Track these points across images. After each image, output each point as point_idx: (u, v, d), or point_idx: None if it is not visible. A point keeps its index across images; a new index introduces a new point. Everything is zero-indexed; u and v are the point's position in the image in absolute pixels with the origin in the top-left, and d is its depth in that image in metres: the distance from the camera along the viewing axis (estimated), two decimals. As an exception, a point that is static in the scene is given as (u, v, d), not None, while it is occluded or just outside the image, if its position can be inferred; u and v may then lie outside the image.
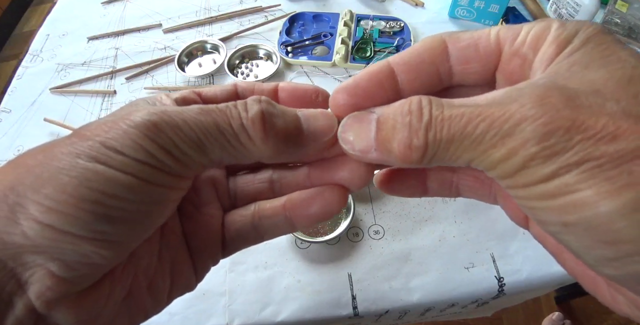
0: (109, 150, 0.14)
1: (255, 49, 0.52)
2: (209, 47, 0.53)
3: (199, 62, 0.52)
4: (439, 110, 0.14)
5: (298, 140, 0.16)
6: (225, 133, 0.15)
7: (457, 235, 0.36)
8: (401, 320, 0.38)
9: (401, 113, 0.14)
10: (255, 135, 0.15)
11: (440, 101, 0.14)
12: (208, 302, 0.34)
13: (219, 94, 0.19)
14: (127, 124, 0.14)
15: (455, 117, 0.13)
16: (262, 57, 0.52)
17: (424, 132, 0.14)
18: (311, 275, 0.35)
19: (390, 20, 0.54)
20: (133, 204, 0.14)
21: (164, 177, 0.15)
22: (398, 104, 0.15)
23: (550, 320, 0.89)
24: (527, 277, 0.34)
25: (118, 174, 0.14)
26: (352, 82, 0.17)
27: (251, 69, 0.50)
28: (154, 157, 0.14)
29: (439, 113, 0.14)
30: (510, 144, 0.12)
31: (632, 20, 0.52)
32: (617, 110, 0.12)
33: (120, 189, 0.14)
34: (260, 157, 0.16)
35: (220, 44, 0.52)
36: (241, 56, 0.52)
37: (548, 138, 0.12)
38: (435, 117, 0.14)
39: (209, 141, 0.15)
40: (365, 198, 0.39)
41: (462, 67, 0.16)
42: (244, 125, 0.15)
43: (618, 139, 0.11)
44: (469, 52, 0.16)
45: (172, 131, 0.14)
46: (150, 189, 0.14)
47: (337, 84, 0.48)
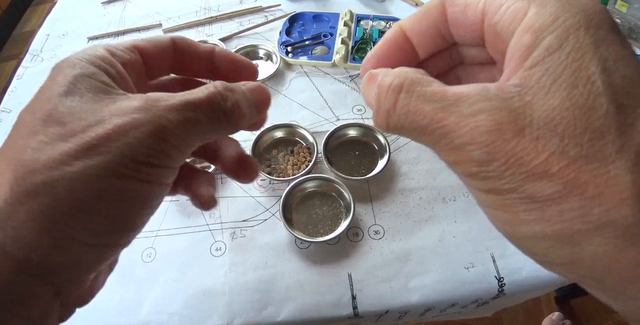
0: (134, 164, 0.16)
1: (255, 49, 0.52)
2: None
3: None
4: (404, 100, 0.15)
5: (261, 110, 0.21)
6: (217, 123, 0.19)
7: (457, 235, 0.36)
8: (401, 321, 0.38)
9: (381, 86, 0.16)
10: (239, 117, 0.20)
11: (411, 86, 0.15)
12: (208, 302, 0.34)
13: (157, 49, 0.21)
14: (138, 134, 0.16)
15: (419, 113, 0.15)
16: (262, 57, 0.52)
17: (385, 116, 0.16)
18: (311, 275, 0.35)
19: (390, 20, 0.54)
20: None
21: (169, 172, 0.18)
22: (386, 74, 0.16)
23: (550, 320, 0.89)
24: (527, 277, 0.34)
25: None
26: (375, 52, 0.19)
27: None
28: (163, 160, 0.17)
29: (403, 102, 0.15)
30: (457, 157, 0.15)
31: (632, 20, 0.52)
32: (558, 149, 0.13)
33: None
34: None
35: (220, 44, 0.52)
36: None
37: (488, 165, 0.14)
38: (400, 103, 0.15)
39: (205, 136, 0.19)
40: (365, 198, 0.39)
41: (456, 31, 0.17)
42: (226, 113, 0.19)
43: (543, 179, 0.13)
44: (459, 18, 0.17)
45: (177, 138, 0.17)
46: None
47: (337, 83, 0.48)
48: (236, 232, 0.38)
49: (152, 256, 0.37)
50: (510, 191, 0.14)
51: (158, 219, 0.39)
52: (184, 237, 0.38)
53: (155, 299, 0.34)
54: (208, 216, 0.39)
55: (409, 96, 0.15)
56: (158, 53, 0.22)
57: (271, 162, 0.41)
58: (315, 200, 0.38)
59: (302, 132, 0.42)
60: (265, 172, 0.39)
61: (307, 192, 0.39)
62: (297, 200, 0.38)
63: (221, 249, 0.37)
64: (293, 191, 0.38)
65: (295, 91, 0.48)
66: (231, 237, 0.37)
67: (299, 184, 0.38)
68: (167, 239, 0.38)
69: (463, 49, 0.20)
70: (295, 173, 0.39)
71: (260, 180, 0.41)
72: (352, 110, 0.46)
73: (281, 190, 0.39)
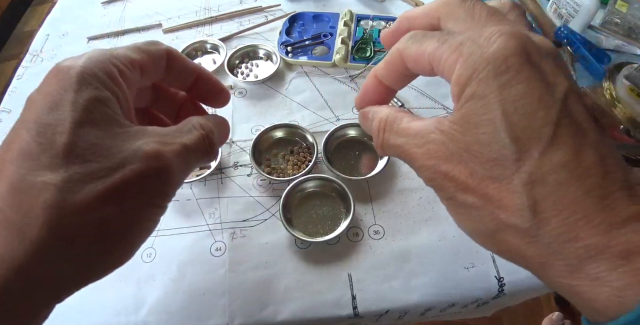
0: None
1: (255, 49, 0.52)
2: (208, 47, 0.53)
3: (198, 62, 0.52)
4: (387, 137, 0.22)
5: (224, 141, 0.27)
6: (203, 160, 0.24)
7: (457, 235, 0.36)
8: (401, 321, 0.38)
9: (373, 127, 0.23)
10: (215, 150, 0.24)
11: (389, 127, 0.22)
12: (208, 302, 0.34)
13: (154, 62, 0.24)
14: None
15: (395, 148, 0.21)
16: (262, 57, 0.52)
17: (380, 149, 0.23)
18: (311, 275, 0.35)
19: (390, 20, 0.54)
20: None
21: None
22: (375, 119, 0.23)
23: (550, 320, 0.89)
24: (527, 277, 0.34)
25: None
26: (361, 95, 0.25)
27: (251, 69, 0.50)
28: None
29: (386, 139, 0.22)
30: (419, 174, 0.21)
31: (632, 20, 0.52)
32: (473, 171, 0.18)
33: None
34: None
35: (220, 44, 0.52)
36: (241, 56, 0.51)
37: (434, 180, 0.20)
38: (384, 141, 0.22)
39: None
40: (365, 198, 0.39)
41: (417, 71, 0.22)
42: (209, 151, 0.24)
43: (467, 192, 0.19)
44: (415, 66, 0.22)
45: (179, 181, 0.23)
46: None
47: (337, 84, 0.48)
48: (236, 232, 0.38)
49: (152, 256, 0.37)
50: (450, 199, 0.20)
51: (158, 219, 0.39)
52: (184, 237, 0.38)
53: (155, 299, 0.34)
54: (208, 216, 0.39)
55: (388, 134, 0.22)
56: (153, 65, 0.23)
57: (271, 162, 0.41)
58: (315, 200, 0.38)
59: (302, 132, 0.42)
60: (265, 172, 0.39)
61: (307, 192, 0.39)
62: (297, 200, 0.38)
63: (221, 249, 0.37)
64: (293, 191, 0.38)
65: (295, 91, 0.48)
66: (231, 237, 0.37)
67: (299, 184, 0.38)
68: (167, 239, 0.38)
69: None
70: (295, 173, 0.39)
71: (260, 180, 0.41)
72: (352, 110, 0.46)
73: (281, 190, 0.39)
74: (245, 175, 0.41)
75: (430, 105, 0.46)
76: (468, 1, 0.20)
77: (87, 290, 0.35)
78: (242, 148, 0.43)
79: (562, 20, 0.54)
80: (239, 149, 0.43)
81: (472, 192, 0.18)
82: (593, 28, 0.55)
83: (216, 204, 0.39)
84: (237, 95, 0.48)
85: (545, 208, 0.17)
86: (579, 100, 0.18)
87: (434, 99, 0.47)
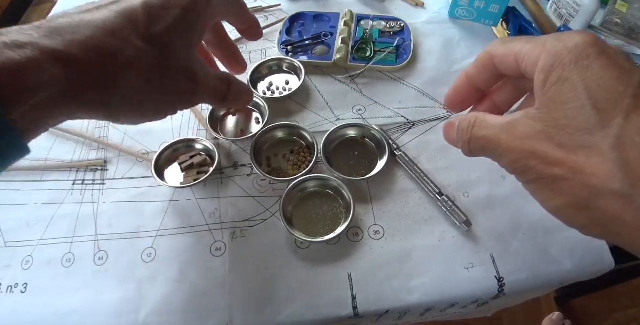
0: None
1: (280, 62, 0.49)
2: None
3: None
4: (475, 132, 0.25)
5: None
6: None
7: (457, 235, 0.36)
8: (401, 321, 0.38)
9: (460, 127, 0.26)
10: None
11: (479, 123, 0.25)
12: (208, 302, 0.34)
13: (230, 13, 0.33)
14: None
15: (482, 139, 0.24)
16: (287, 70, 0.50)
17: (467, 145, 0.26)
18: (311, 275, 0.35)
19: (391, 20, 0.54)
20: None
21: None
22: (463, 120, 0.26)
23: (550, 320, 0.89)
24: (527, 277, 0.34)
25: None
26: (451, 92, 0.30)
27: (271, 82, 0.48)
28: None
29: (474, 133, 0.25)
30: (504, 161, 0.23)
31: (632, 20, 0.52)
32: (562, 144, 0.20)
33: None
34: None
35: None
36: (265, 68, 0.49)
37: (519, 162, 0.22)
38: (472, 135, 0.25)
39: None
40: (365, 198, 0.39)
41: (504, 71, 0.26)
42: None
43: (556, 166, 0.20)
44: (502, 65, 0.25)
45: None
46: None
47: (337, 83, 0.48)
48: (236, 232, 0.38)
49: (152, 256, 0.37)
50: (536, 179, 0.21)
51: (158, 219, 0.39)
52: (184, 237, 0.38)
53: (156, 299, 0.34)
54: (208, 216, 0.39)
55: (477, 129, 0.25)
56: (232, 9, 0.32)
57: (271, 162, 0.41)
58: (315, 200, 0.38)
59: (302, 132, 0.42)
60: (265, 172, 0.39)
61: (307, 192, 0.39)
62: (297, 200, 0.38)
63: (221, 249, 0.37)
64: (293, 191, 0.38)
65: (295, 91, 0.48)
66: (231, 237, 0.37)
67: (299, 184, 0.38)
68: (167, 239, 0.38)
69: (521, 82, 0.28)
70: (295, 173, 0.39)
71: (260, 180, 0.41)
72: (352, 110, 0.46)
73: (281, 190, 0.39)
74: (245, 175, 0.41)
75: (430, 105, 0.46)
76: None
77: (87, 291, 0.35)
78: (242, 148, 0.43)
79: (562, 20, 0.54)
80: (239, 149, 0.43)
81: (561, 165, 0.20)
82: (593, 28, 0.55)
83: (216, 204, 0.39)
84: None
85: (636, 167, 0.18)
86: None
87: (433, 98, 0.47)
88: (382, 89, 0.48)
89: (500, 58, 0.25)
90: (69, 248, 0.38)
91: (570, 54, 0.20)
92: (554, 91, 0.21)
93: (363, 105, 0.46)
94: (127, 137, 0.45)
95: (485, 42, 0.52)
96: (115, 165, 0.43)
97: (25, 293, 0.35)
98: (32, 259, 0.37)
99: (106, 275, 0.36)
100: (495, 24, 0.55)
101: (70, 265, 0.37)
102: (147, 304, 0.34)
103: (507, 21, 0.57)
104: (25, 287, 0.36)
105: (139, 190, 0.41)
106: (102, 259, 0.37)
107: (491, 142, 0.23)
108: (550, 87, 0.21)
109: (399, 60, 0.49)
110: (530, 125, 0.21)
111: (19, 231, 0.39)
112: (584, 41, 0.20)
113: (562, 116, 0.20)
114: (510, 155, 0.22)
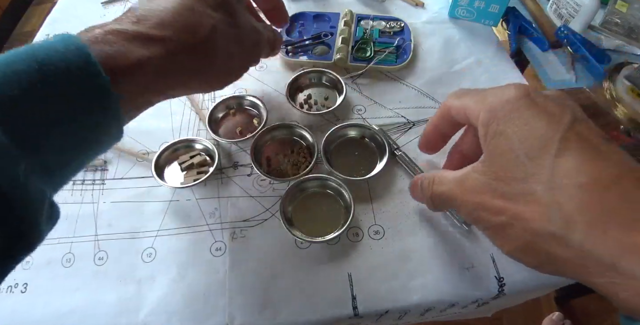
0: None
1: (320, 75, 0.48)
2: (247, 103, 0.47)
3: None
4: (435, 189, 0.28)
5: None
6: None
7: (457, 235, 0.36)
8: (401, 321, 0.38)
9: (422, 186, 0.30)
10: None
11: (437, 180, 0.28)
12: (208, 302, 0.34)
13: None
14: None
15: (441, 194, 0.27)
16: (327, 83, 0.48)
17: (430, 201, 0.29)
18: (311, 275, 0.35)
19: (391, 20, 0.54)
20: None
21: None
22: (424, 179, 0.29)
23: (550, 320, 0.89)
24: (527, 277, 0.34)
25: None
26: (424, 138, 0.34)
27: (309, 95, 0.46)
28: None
29: (435, 190, 0.28)
30: (461, 213, 0.26)
31: (632, 20, 0.52)
32: (502, 192, 0.22)
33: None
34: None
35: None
36: (305, 80, 0.48)
37: (472, 213, 0.24)
38: (433, 192, 0.28)
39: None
40: (365, 198, 0.39)
41: (461, 122, 0.28)
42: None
43: (500, 214, 0.22)
44: (457, 117, 0.28)
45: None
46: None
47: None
48: (236, 232, 0.38)
49: (152, 256, 0.37)
50: (488, 227, 0.24)
51: (158, 219, 0.39)
52: (184, 237, 0.38)
53: (155, 299, 0.34)
54: (208, 216, 0.39)
55: (436, 186, 0.28)
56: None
57: (271, 162, 0.41)
58: (315, 200, 0.38)
59: (302, 132, 0.42)
60: (265, 172, 0.39)
61: (307, 192, 0.39)
62: (297, 201, 0.38)
63: (221, 249, 0.37)
64: (293, 191, 0.38)
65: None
66: (231, 237, 0.37)
67: (299, 184, 0.38)
68: (167, 239, 0.38)
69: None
70: (295, 173, 0.39)
71: (260, 180, 0.41)
72: (352, 110, 0.46)
73: (281, 190, 0.39)
74: (245, 175, 0.41)
75: (430, 104, 0.46)
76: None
77: (87, 291, 0.35)
78: (242, 148, 0.43)
79: (562, 20, 0.54)
80: (239, 149, 0.43)
81: (504, 213, 0.22)
82: (593, 28, 0.55)
83: (216, 204, 0.39)
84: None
85: (570, 209, 0.19)
86: (588, 126, 0.21)
87: (433, 98, 0.47)
88: (382, 89, 0.48)
89: (455, 111, 0.27)
90: (69, 248, 0.38)
91: (503, 108, 0.22)
92: (493, 144, 0.23)
93: (363, 105, 0.46)
94: (127, 137, 0.45)
95: (485, 42, 0.53)
96: (115, 165, 0.43)
97: (25, 293, 0.35)
98: (32, 259, 0.37)
99: (106, 275, 0.36)
100: (495, 24, 0.55)
101: (70, 265, 0.37)
102: (147, 304, 0.34)
103: (507, 21, 0.57)
104: (25, 287, 0.36)
105: (139, 190, 0.41)
106: (102, 259, 0.37)
107: (449, 196, 0.26)
108: (490, 141, 0.23)
109: (399, 60, 0.49)
110: (476, 179, 0.23)
111: (19, 231, 0.39)
112: (515, 94, 0.22)
113: (500, 168, 0.22)
114: (464, 208, 0.24)
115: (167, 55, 0.24)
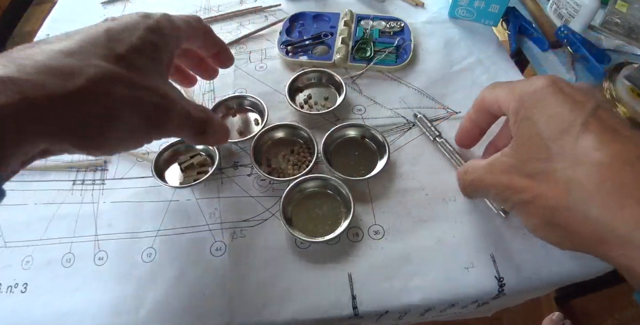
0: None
1: (320, 74, 0.48)
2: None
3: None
4: (466, 177, 0.31)
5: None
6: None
7: (457, 235, 0.36)
8: (401, 321, 0.38)
9: (458, 177, 0.34)
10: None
11: (468, 169, 0.31)
12: (208, 302, 0.34)
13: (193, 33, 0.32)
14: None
15: (472, 182, 0.30)
16: (326, 83, 0.48)
17: (463, 190, 0.33)
18: (311, 275, 0.35)
19: (391, 20, 0.54)
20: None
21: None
22: (459, 170, 0.34)
23: (550, 320, 0.89)
24: (527, 277, 0.34)
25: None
26: (460, 133, 0.36)
27: (309, 95, 0.47)
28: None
29: (466, 178, 0.31)
30: (490, 196, 0.30)
31: (632, 20, 0.52)
32: (527, 173, 0.24)
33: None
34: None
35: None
36: (304, 80, 0.48)
37: (500, 193, 0.26)
38: (465, 180, 0.31)
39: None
40: (365, 198, 0.39)
41: (496, 114, 0.30)
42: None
43: (523, 192, 0.24)
44: (492, 109, 0.29)
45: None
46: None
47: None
48: (236, 232, 0.38)
49: (152, 256, 0.37)
50: (514, 205, 0.25)
51: (158, 219, 0.39)
52: (184, 237, 0.38)
53: (155, 299, 0.34)
54: (208, 216, 0.39)
55: (467, 175, 0.30)
56: (195, 36, 0.32)
57: (271, 162, 0.41)
58: (315, 200, 0.38)
59: (302, 132, 0.42)
60: (265, 172, 0.39)
61: (307, 192, 0.39)
62: (297, 200, 0.38)
63: (221, 249, 0.37)
64: (293, 191, 0.38)
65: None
66: (231, 237, 0.37)
67: (299, 184, 0.38)
68: (167, 239, 0.38)
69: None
70: (295, 173, 0.39)
71: (260, 180, 0.41)
72: (352, 110, 0.46)
73: (281, 190, 0.39)
74: (245, 175, 0.41)
75: (430, 105, 0.46)
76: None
77: (87, 291, 0.35)
78: (242, 148, 0.43)
79: (562, 20, 0.54)
80: (239, 149, 0.43)
81: (528, 191, 0.23)
82: (593, 28, 0.55)
83: (216, 204, 0.39)
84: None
85: (588, 185, 0.20)
86: (610, 112, 0.22)
87: (433, 98, 0.47)
88: (382, 89, 0.48)
89: (489, 103, 0.29)
90: (68, 248, 0.38)
91: (531, 97, 0.24)
92: (520, 129, 0.24)
93: (363, 105, 0.46)
94: (127, 137, 0.45)
95: (485, 42, 0.53)
96: (115, 166, 0.43)
97: (25, 293, 0.35)
98: (32, 259, 0.37)
99: (106, 275, 0.36)
100: (495, 24, 0.55)
101: (70, 265, 0.37)
102: (146, 304, 0.34)
103: (507, 21, 0.57)
104: (25, 287, 0.36)
105: (138, 190, 0.41)
106: (102, 259, 0.37)
107: (479, 182, 0.28)
108: (518, 127, 0.25)
109: (399, 60, 0.49)
110: (504, 162, 0.25)
111: (19, 231, 0.39)
112: (543, 84, 0.24)
113: (526, 151, 0.24)
114: (493, 190, 0.27)
115: (26, 103, 0.19)
